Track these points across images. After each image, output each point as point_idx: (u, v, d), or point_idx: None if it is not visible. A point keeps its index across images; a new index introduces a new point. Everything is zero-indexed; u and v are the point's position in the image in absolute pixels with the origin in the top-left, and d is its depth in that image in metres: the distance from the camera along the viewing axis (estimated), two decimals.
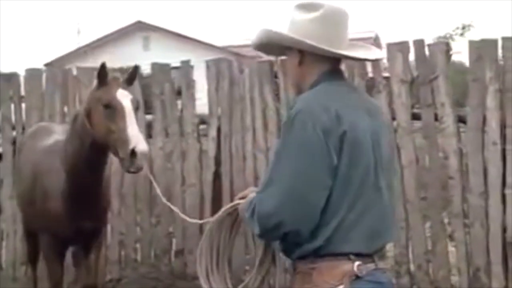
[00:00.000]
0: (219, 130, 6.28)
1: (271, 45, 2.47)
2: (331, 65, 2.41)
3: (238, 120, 6.26)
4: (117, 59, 6.24)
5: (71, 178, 4.23)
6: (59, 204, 4.27)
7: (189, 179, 6.36)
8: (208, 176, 6.26)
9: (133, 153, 3.70)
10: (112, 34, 28.56)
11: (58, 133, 4.95)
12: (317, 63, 2.40)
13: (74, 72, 6.64)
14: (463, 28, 21.00)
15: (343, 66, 2.49)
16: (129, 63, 6.83)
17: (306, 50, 2.36)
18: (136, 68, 4.17)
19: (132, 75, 4.17)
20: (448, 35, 18.99)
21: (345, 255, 2.21)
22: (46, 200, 4.36)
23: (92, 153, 4.07)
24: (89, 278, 4.63)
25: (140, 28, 28.78)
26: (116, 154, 3.88)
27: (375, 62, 5.64)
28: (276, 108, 6.13)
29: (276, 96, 6.12)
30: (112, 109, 3.89)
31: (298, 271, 2.26)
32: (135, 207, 6.47)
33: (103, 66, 3.95)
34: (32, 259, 5.58)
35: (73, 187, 4.22)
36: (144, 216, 6.51)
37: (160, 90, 6.44)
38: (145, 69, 7.18)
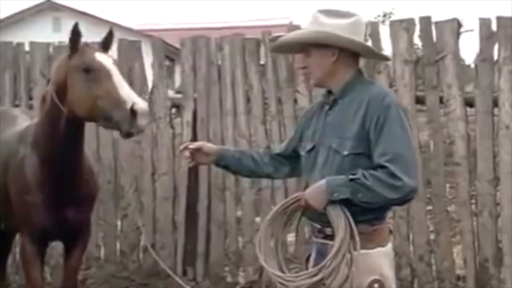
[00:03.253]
0: (194, 114, 6.14)
1: (297, 44, 2.88)
2: (358, 64, 2.88)
3: (216, 103, 6.13)
4: (24, 41, 6.07)
5: (48, 165, 4.04)
6: (36, 194, 4.10)
7: (161, 168, 6.21)
8: (183, 165, 6.05)
9: (133, 112, 3.53)
10: (19, 13, 27.60)
11: (22, 117, 4.72)
12: (352, 63, 2.84)
13: None
14: (384, 15, 21.23)
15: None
16: None
17: (351, 50, 2.80)
18: (111, 32, 3.97)
19: (107, 40, 3.96)
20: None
21: (385, 219, 2.84)
22: (21, 192, 4.16)
23: (68, 133, 3.90)
24: (69, 282, 4.40)
25: (50, 8, 27.94)
26: (107, 122, 3.67)
27: (375, 40, 5.68)
28: (263, 90, 6.00)
29: (262, 77, 6.00)
30: (95, 72, 3.70)
31: (361, 232, 2.67)
32: (98, 198, 6.12)
33: (75, 27, 3.74)
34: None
35: (51, 174, 4.04)
36: (108, 208, 6.32)
37: (128, 68, 6.21)
38: None
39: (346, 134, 2.73)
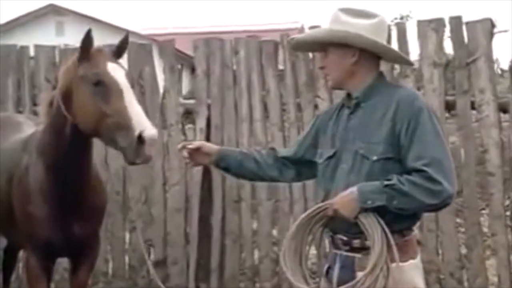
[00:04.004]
0: (209, 120, 6.05)
1: (316, 42, 2.85)
2: (379, 67, 2.84)
3: (231, 109, 6.03)
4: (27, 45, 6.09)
5: (53, 174, 3.93)
6: (41, 206, 3.98)
7: (172, 177, 6.13)
8: (195, 174, 6.02)
9: (140, 140, 3.37)
10: (22, 17, 27.57)
11: (27, 124, 4.59)
12: (372, 65, 2.79)
13: None
14: (401, 18, 21.31)
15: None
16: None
17: (372, 52, 2.76)
18: (127, 37, 3.85)
19: (121, 46, 3.84)
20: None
21: (414, 229, 2.79)
22: (25, 204, 4.03)
23: (75, 140, 3.77)
24: None
25: (53, 12, 27.91)
26: (112, 143, 3.55)
27: (402, 41, 5.50)
28: (281, 95, 5.90)
29: (281, 81, 5.90)
30: (105, 86, 3.55)
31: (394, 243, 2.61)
32: (110, 205, 5.93)
33: (88, 34, 3.61)
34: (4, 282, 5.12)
35: (56, 184, 3.93)
36: (117, 220, 6.21)
37: (137, 72, 6.15)
38: None
39: (373, 138, 2.69)
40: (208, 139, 5.96)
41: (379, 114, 2.70)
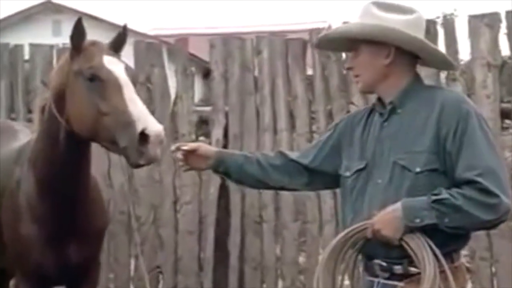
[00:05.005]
0: (226, 130, 6.06)
1: (345, 39, 2.82)
2: (415, 68, 2.81)
3: (252, 118, 6.04)
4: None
5: (46, 189, 3.89)
6: (31, 226, 3.94)
7: (184, 195, 6.14)
8: (211, 192, 6.04)
9: (143, 137, 3.31)
10: (16, 15, 27.72)
11: (24, 133, 4.57)
12: (408, 66, 2.77)
13: None
14: (445, 17, 21.41)
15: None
16: None
17: (410, 51, 2.73)
18: (125, 28, 3.80)
19: (119, 39, 3.78)
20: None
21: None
22: (14, 223, 3.99)
23: (70, 151, 3.74)
24: None
25: (49, 10, 28.13)
26: (112, 146, 3.51)
27: (450, 40, 5.40)
28: (309, 101, 5.87)
29: (309, 85, 5.89)
30: (101, 81, 3.51)
31: (442, 270, 2.56)
32: (109, 231, 5.85)
33: (79, 22, 3.56)
34: None
35: (49, 201, 3.89)
36: (121, 244, 6.22)
37: (146, 75, 6.18)
38: None
39: (415, 148, 2.65)
40: None
41: (420, 120, 2.67)
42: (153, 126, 3.34)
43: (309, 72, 6.00)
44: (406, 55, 2.74)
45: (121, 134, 3.39)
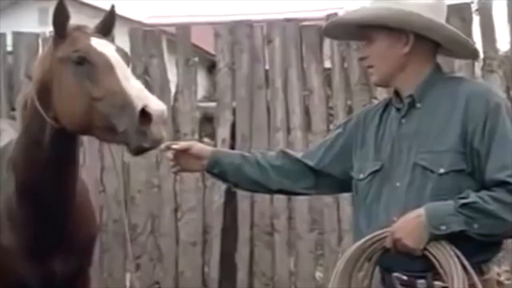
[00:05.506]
0: (233, 129, 6.10)
1: (357, 26, 2.81)
2: (435, 58, 2.80)
3: (263, 115, 6.06)
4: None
5: (27, 195, 3.84)
6: (11, 237, 3.89)
7: (186, 202, 6.16)
8: (216, 198, 6.06)
9: (144, 116, 3.25)
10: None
11: (10, 132, 4.43)
12: (429, 56, 2.76)
13: None
14: (480, 0, 21.47)
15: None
16: None
17: (431, 38, 2.72)
18: (113, 9, 3.77)
19: (107, 21, 3.76)
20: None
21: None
22: None
23: (55, 151, 3.70)
24: None
25: None
26: (109, 134, 3.46)
27: (487, 28, 5.36)
28: (327, 96, 5.89)
29: (327, 76, 5.92)
30: (91, 64, 3.49)
31: (471, 283, 2.56)
32: (102, 242, 6.08)
33: (60, 3, 3.51)
34: None
35: (31, 208, 3.84)
36: (115, 256, 6.20)
37: (143, 66, 6.23)
38: None
39: (438, 146, 2.64)
40: None
41: (443, 115, 2.67)
42: (155, 104, 3.29)
43: (327, 63, 6.01)
44: (426, 42, 2.73)
45: (118, 117, 3.35)
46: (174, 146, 3.15)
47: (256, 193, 5.44)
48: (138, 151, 3.37)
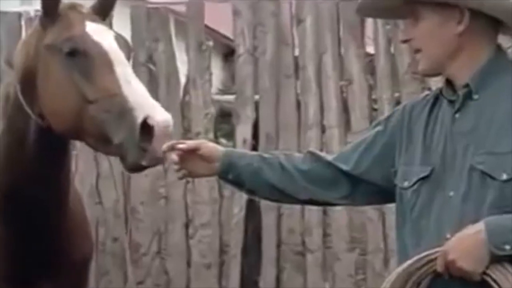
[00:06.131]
0: (255, 127, 6.08)
1: (397, 2, 2.78)
2: (496, 39, 2.77)
3: (291, 110, 6.03)
4: None
5: (7, 208, 3.83)
6: None
7: (200, 216, 6.15)
8: (236, 211, 6.05)
9: (144, 129, 3.26)
10: None
11: None
12: (488, 35, 2.71)
13: None
14: None
15: None
16: None
17: (490, 15, 2.66)
18: None
19: (106, 1, 3.78)
20: None
21: None
22: None
23: (41, 153, 3.69)
24: None
25: None
26: (102, 144, 3.49)
27: None
28: (370, 87, 5.84)
29: (369, 63, 5.93)
30: (84, 57, 3.49)
31: None
32: (98, 264, 5.99)
33: None
34: None
35: (12, 224, 3.83)
36: (115, 281, 6.22)
37: (146, 53, 6.24)
38: None
39: (500, 147, 2.62)
40: None
41: (506, 109, 2.64)
42: (158, 114, 3.28)
43: (369, 47, 6.00)
44: (485, 20, 2.68)
45: (114, 126, 3.35)
46: (180, 146, 3.07)
47: (281, 204, 5.42)
48: (135, 169, 3.40)
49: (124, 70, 3.45)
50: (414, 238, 2.71)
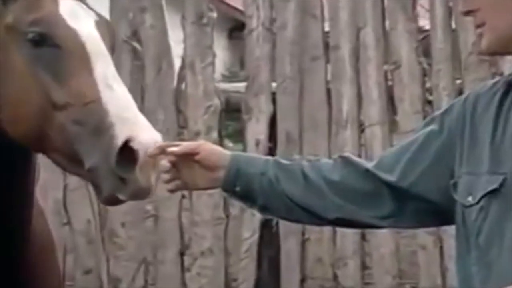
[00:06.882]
0: (272, 124, 6.01)
1: None
2: None
3: (320, 101, 6.00)
4: None
5: None
6: None
7: (199, 240, 6.11)
8: (246, 234, 5.98)
9: (126, 153, 3.01)
10: None
11: None
12: None
13: None
14: None
15: None
16: None
17: None
18: None
19: None
20: None
21: None
22: None
23: None
24: None
25: None
26: (71, 164, 3.23)
27: None
28: (423, 71, 5.79)
29: (423, 41, 5.88)
30: (54, 48, 3.27)
31: None
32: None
33: None
34: None
35: None
36: None
37: (130, 27, 6.12)
38: None
39: None
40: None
41: None
42: (145, 134, 3.04)
43: (423, 20, 5.99)
44: None
45: (87, 145, 3.14)
46: (172, 149, 2.90)
47: (306, 226, 5.46)
48: (111, 203, 3.19)
49: (105, 69, 3.24)
50: (481, 272, 2.58)
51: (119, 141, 3.01)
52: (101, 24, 3.39)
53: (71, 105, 3.19)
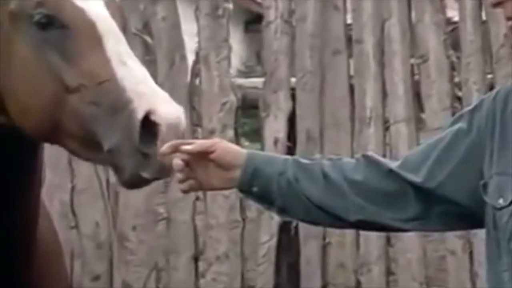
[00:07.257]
0: (292, 122, 6.02)
1: None
2: None
3: (342, 98, 6.04)
4: None
5: None
6: None
7: (214, 244, 6.13)
8: (264, 237, 6.02)
9: (147, 127, 3.06)
10: None
11: None
12: None
13: None
14: None
15: None
16: None
17: None
18: None
19: None
20: None
21: None
22: None
23: (2, 163, 3.49)
24: None
25: None
26: (88, 149, 3.29)
27: None
28: (451, 65, 5.81)
29: (451, 34, 5.90)
30: (63, 29, 3.33)
31: None
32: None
33: None
34: None
35: None
36: None
37: (141, 19, 6.18)
38: None
39: None
40: None
41: None
42: (165, 107, 3.09)
43: (452, 11, 6.04)
44: None
45: (105, 125, 3.19)
46: (186, 148, 2.88)
47: (327, 229, 5.51)
48: (135, 183, 3.19)
49: (117, 47, 3.28)
50: None
51: (140, 115, 3.04)
52: (110, 3, 3.44)
53: (85, 87, 3.22)
